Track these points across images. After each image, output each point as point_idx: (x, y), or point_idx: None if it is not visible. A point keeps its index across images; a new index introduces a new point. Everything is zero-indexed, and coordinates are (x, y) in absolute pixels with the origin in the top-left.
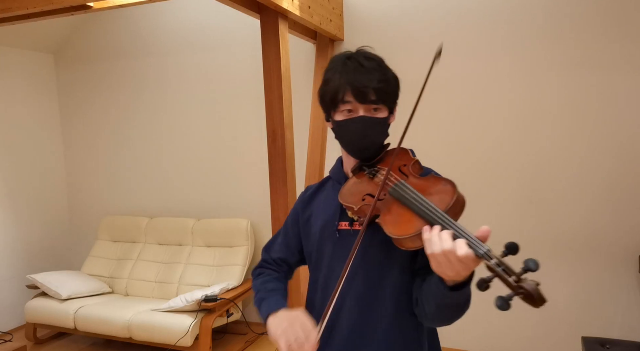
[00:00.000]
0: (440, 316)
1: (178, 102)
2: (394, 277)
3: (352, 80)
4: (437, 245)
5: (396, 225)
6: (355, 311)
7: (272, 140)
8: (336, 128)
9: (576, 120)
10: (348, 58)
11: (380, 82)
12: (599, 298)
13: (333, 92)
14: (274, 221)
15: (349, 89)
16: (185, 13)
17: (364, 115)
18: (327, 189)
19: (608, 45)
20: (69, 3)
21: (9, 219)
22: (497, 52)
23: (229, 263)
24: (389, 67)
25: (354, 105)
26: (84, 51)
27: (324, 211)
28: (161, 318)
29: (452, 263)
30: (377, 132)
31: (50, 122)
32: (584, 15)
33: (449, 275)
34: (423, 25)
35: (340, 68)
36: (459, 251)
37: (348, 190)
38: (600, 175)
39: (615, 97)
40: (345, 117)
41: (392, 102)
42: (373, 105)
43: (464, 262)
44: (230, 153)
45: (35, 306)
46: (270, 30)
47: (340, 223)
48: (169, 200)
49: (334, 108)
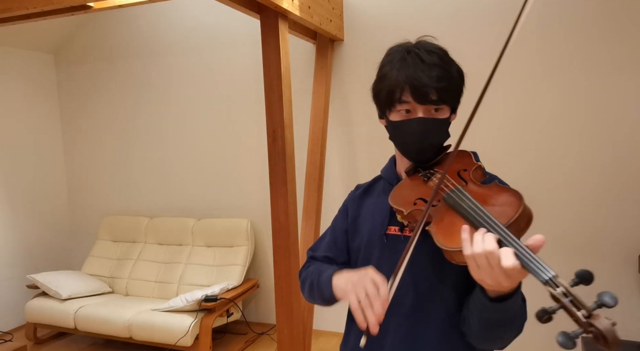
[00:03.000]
0: (485, 335)
1: (178, 102)
2: (444, 291)
3: (411, 78)
4: (479, 246)
5: (447, 235)
6: (403, 324)
7: (272, 140)
8: (391, 129)
9: (575, 120)
10: (407, 51)
11: (441, 80)
12: None
13: (390, 90)
14: (274, 221)
15: (407, 88)
16: (185, 13)
17: (423, 117)
18: (378, 190)
19: (605, 46)
20: (69, 3)
21: (9, 219)
22: (496, 52)
23: (229, 263)
24: (452, 61)
25: (413, 105)
26: (84, 51)
27: (372, 213)
28: (161, 318)
29: (493, 269)
30: (436, 134)
31: (50, 122)
32: (580, 15)
33: (489, 284)
34: (423, 25)
35: (399, 63)
36: (505, 261)
37: (399, 192)
38: (599, 174)
39: (613, 97)
40: (402, 118)
41: (455, 101)
42: (434, 105)
43: (508, 274)
44: (231, 153)
45: (35, 306)
46: (270, 30)
47: (389, 228)
48: (169, 200)
49: (390, 107)
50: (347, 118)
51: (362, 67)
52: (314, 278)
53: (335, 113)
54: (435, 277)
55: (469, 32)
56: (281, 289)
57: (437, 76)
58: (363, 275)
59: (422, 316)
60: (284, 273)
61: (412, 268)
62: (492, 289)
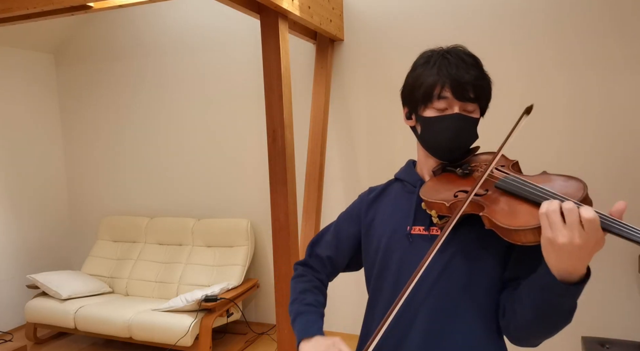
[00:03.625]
0: (535, 326)
1: (178, 102)
2: (476, 295)
3: (453, 74)
4: (555, 202)
5: (511, 216)
6: (432, 318)
7: (272, 140)
8: (423, 126)
9: (579, 120)
10: (447, 52)
11: (478, 79)
12: (599, 298)
13: (429, 87)
14: (274, 221)
15: (448, 84)
16: (185, 13)
17: (460, 113)
18: (394, 192)
19: (613, 44)
20: (69, 3)
21: (9, 219)
22: (496, 52)
23: (229, 263)
24: (483, 66)
25: (450, 101)
26: (84, 51)
27: (391, 215)
28: (161, 318)
29: (569, 227)
30: (469, 132)
31: (50, 122)
32: (588, 13)
33: (559, 247)
34: (423, 25)
35: (439, 62)
36: (585, 213)
37: (433, 188)
38: (601, 174)
39: (619, 96)
40: (437, 114)
41: (487, 102)
42: (469, 104)
43: (586, 229)
44: (231, 153)
45: (35, 306)
46: (270, 31)
47: (414, 228)
48: (169, 200)
49: (426, 103)
50: (347, 118)
51: (362, 67)
52: (292, 311)
53: (335, 113)
54: (468, 274)
55: (468, 32)
56: (281, 289)
57: (475, 75)
58: (330, 346)
59: (452, 315)
60: (284, 273)
61: (444, 264)
62: (561, 265)
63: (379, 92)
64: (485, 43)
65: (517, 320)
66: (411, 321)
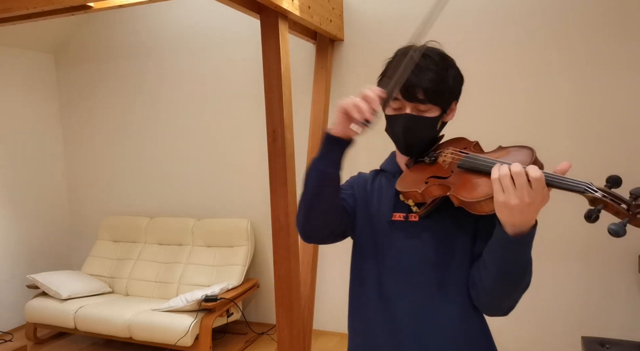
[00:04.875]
0: (498, 286)
1: (178, 101)
2: (450, 272)
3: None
4: (504, 167)
5: (473, 190)
6: (418, 302)
7: (272, 140)
8: (386, 122)
9: (583, 120)
10: (404, 54)
11: (430, 81)
12: (599, 298)
13: None
14: (274, 221)
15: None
16: (185, 13)
17: (410, 114)
18: (379, 181)
19: (617, 44)
20: (69, 3)
21: (9, 219)
22: (498, 52)
23: (229, 263)
24: (449, 65)
25: (402, 103)
26: (84, 51)
27: (377, 201)
28: (161, 318)
29: (518, 188)
30: (420, 131)
31: (50, 122)
32: (592, 14)
33: (512, 207)
34: None
35: (396, 64)
36: (532, 172)
37: (407, 179)
38: (601, 174)
39: (623, 96)
40: (393, 113)
41: (444, 102)
42: (421, 105)
43: (534, 188)
44: (231, 153)
45: (35, 306)
46: (270, 30)
47: (395, 214)
48: (169, 200)
49: (386, 102)
50: None
51: (362, 67)
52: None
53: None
54: (446, 253)
55: (468, 31)
56: (281, 289)
57: (427, 79)
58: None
59: (436, 291)
60: (284, 273)
61: (423, 247)
62: (513, 221)
63: None
64: (486, 43)
65: (484, 286)
66: (396, 303)
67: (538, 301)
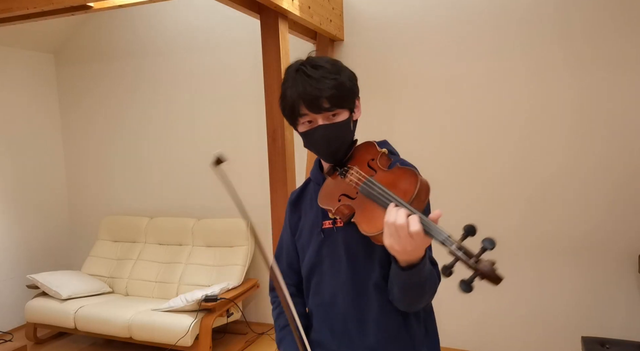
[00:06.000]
0: (405, 298)
1: (178, 102)
2: (376, 270)
3: (302, 93)
4: (392, 216)
5: (369, 222)
6: (348, 303)
7: (272, 140)
8: (303, 139)
9: (587, 120)
10: (296, 70)
11: (331, 88)
12: (599, 298)
13: (290, 107)
14: (274, 221)
15: (301, 102)
16: (185, 13)
17: (323, 124)
18: (310, 191)
19: (621, 43)
20: (69, 3)
21: (9, 219)
22: (500, 52)
23: (229, 263)
24: (341, 68)
25: (312, 116)
26: (84, 51)
27: (309, 213)
28: (161, 318)
29: (401, 238)
30: (340, 135)
31: (50, 122)
32: (596, 13)
33: (397, 251)
34: (423, 25)
35: (291, 82)
36: (412, 227)
37: (324, 192)
38: (602, 175)
39: (627, 96)
40: (307, 128)
41: (350, 103)
42: (329, 112)
43: (414, 238)
44: (231, 153)
45: (35, 306)
46: (270, 30)
47: (324, 223)
48: (169, 200)
49: (295, 121)
50: None
51: (362, 67)
52: (276, 337)
53: None
54: (368, 259)
55: (467, 31)
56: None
57: (325, 87)
58: None
59: (362, 294)
60: None
61: (348, 254)
62: (402, 258)
63: (378, 92)
64: (487, 43)
65: (394, 296)
66: (332, 307)
67: (538, 301)
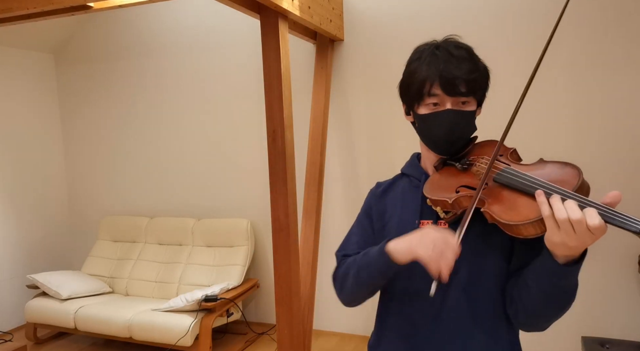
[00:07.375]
0: (545, 309)
1: (178, 102)
2: (489, 275)
3: (442, 70)
4: (562, 212)
5: (512, 211)
6: (462, 302)
7: (272, 140)
8: (419, 123)
9: (582, 119)
10: (437, 47)
11: (471, 72)
12: (599, 298)
13: (420, 84)
14: (274, 221)
15: (437, 81)
16: (185, 13)
17: (452, 109)
18: (401, 187)
19: (615, 43)
20: (69, 3)
21: (9, 219)
22: (499, 52)
23: (229, 263)
24: (478, 57)
25: (442, 98)
26: (84, 51)
27: (400, 209)
28: (161, 318)
29: (579, 233)
30: (465, 126)
31: (50, 122)
32: (590, 13)
33: (571, 247)
34: (423, 25)
35: (429, 58)
36: (591, 221)
37: (436, 184)
38: (601, 174)
39: (622, 95)
40: (430, 111)
41: (482, 94)
42: (462, 98)
43: (594, 233)
44: (231, 153)
45: (35, 306)
46: (270, 30)
47: (422, 222)
48: (169, 200)
49: (419, 100)
50: (347, 118)
51: (362, 67)
52: (357, 263)
53: (335, 113)
54: (481, 261)
55: (468, 32)
56: (281, 289)
57: (466, 69)
58: (425, 232)
59: (477, 296)
60: (284, 273)
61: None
62: (565, 253)
63: (379, 92)
64: (487, 43)
65: (526, 307)
66: (442, 304)
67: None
